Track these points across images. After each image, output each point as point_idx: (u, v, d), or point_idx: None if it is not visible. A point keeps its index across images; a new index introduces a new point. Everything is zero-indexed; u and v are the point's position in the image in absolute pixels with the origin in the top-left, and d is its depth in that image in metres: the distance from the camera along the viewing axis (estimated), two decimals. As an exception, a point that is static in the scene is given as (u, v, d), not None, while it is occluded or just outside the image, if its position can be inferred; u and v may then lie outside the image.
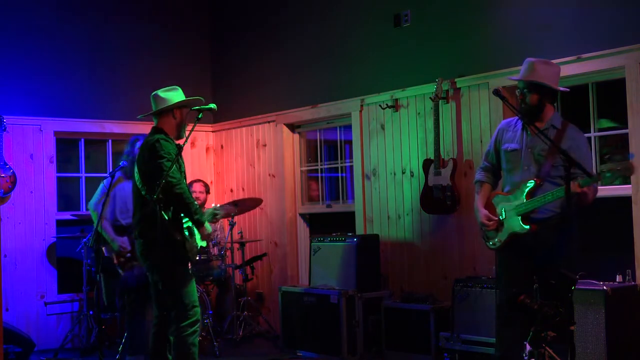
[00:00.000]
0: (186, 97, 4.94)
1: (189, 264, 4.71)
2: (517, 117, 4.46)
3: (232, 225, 6.97)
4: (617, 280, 4.98)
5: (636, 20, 5.04)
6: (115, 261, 5.85)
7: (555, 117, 4.35)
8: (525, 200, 4.24)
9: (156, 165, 4.60)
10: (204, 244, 4.91)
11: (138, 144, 5.60)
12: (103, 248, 5.90)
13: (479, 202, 4.51)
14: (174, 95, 4.89)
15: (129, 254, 5.78)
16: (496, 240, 4.39)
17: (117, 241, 5.82)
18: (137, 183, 4.77)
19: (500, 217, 4.37)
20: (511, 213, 4.30)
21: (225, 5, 8.31)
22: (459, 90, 6.02)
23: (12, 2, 7.19)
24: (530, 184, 4.25)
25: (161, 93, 4.90)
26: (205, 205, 7.13)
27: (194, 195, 6.74)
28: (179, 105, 4.87)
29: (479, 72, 5.87)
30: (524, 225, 4.25)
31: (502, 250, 4.41)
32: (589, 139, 5.41)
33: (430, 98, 6.02)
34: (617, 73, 5.18)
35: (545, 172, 4.22)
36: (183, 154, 4.77)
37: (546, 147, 4.23)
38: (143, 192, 4.70)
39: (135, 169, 4.84)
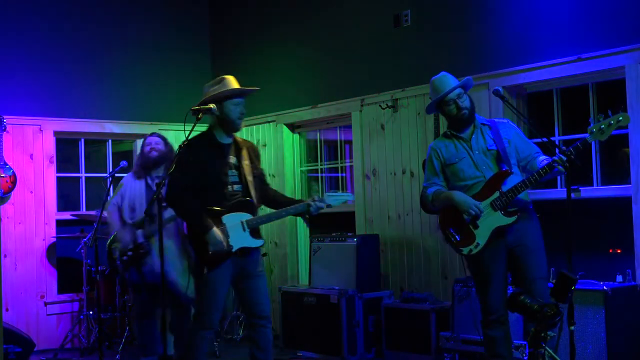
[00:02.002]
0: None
1: (204, 271, 4.48)
2: (439, 138, 4.58)
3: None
4: (617, 280, 4.98)
5: (636, 20, 5.04)
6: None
7: (479, 117, 4.49)
8: (500, 194, 4.23)
9: None
10: (253, 243, 4.48)
11: None
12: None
13: (453, 191, 4.39)
14: (215, 90, 4.61)
15: (130, 252, 5.64)
16: (477, 242, 4.29)
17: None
18: None
19: (469, 221, 4.32)
20: (486, 211, 4.26)
21: (225, 6, 8.32)
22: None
23: (12, 3, 7.19)
24: (504, 175, 4.27)
25: (205, 88, 4.68)
26: None
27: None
28: (213, 100, 4.55)
29: (479, 72, 5.87)
30: (508, 218, 4.24)
31: (478, 253, 4.32)
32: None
33: (430, 98, 6.01)
34: (617, 73, 5.18)
35: (508, 162, 4.28)
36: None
37: (492, 142, 4.34)
38: None
39: None
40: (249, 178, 4.52)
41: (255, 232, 4.51)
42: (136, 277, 5.59)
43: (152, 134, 5.81)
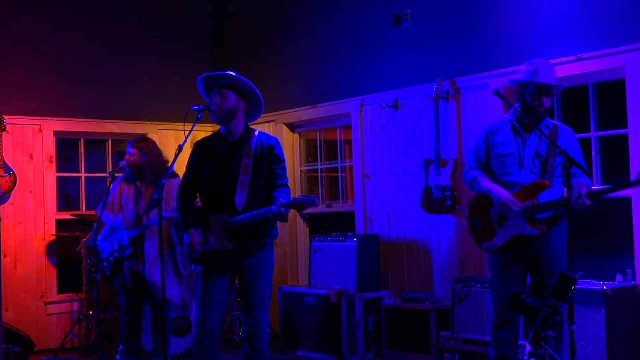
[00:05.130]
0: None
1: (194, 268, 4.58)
2: (501, 120, 4.48)
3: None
4: (617, 280, 4.98)
5: (636, 20, 5.04)
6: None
7: (546, 119, 4.39)
8: (532, 204, 4.18)
9: None
10: (224, 246, 4.34)
11: None
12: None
13: (493, 185, 4.34)
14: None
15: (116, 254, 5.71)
16: (495, 242, 4.31)
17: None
18: None
19: (495, 218, 4.33)
20: (514, 215, 4.23)
21: (225, 6, 8.32)
22: (459, 90, 6.02)
23: (12, 3, 7.19)
24: (542, 187, 4.19)
25: None
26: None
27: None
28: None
29: (479, 72, 5.87)
30: (533, 229, 4.19)
31: (497, 254, 4.35)
32: (589, 139, 5.42)
33: (430, 98, 6.03)
34: (617, 73, 5.18)
35: (551, 174, 4.21)
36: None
37: (545, 148, 4.24)
38: None
39: None
40: (242, 178, 4.35)
41: (231, 235, 4.32)
42: (117, 280, 5.70)
43: (130, 143, 5.78)
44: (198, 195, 4.53)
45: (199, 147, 4.50)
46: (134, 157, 5.65)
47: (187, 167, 4.50)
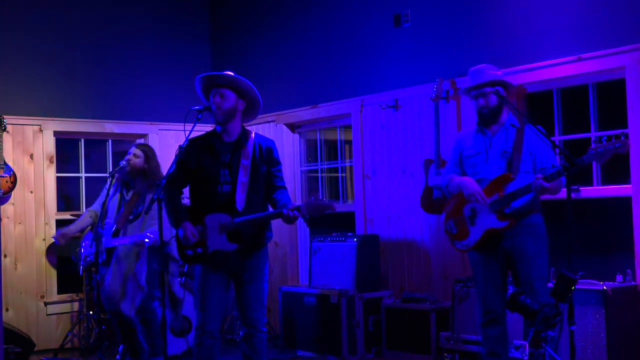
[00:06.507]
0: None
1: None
2: (471, 128, 4.61)
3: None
4: (617, 280, 4.98)
5: (636, 20, 5.04)
6: None
7: (511, 116, 4.48)
8: (499, 196, 4.28)
9: None
10: (226, 246, 4.31)
11: None
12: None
13: (467, 178, 4.44)
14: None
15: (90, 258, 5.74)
16: (469, 240, 4.40)
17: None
18: None
19: (467, 216, 4.41)
20: (483, 211, 4.33)
21: (225, 6, 8.32)
22: (459, 90, 6.02)
23: (12, 2, 7.19)
24: (506, 179, 4.29)
25: None
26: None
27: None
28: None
29: (479, 72, 5.86)
30: (500, 222, 4.28)
31: (475, 251, 4.43)
32: (589, 139, 5.42)
33: (430, 98, 6.03)
34: (617, 73, 5.18)
35: (515, 168, 4.30)
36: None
37: (511, 144, 4.35)
38: None
39: None
40: (242, 179, 4.34)
41: (233, 235, 4.31)
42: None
43: (136, 145, 5.76)
44: (187, 193, 4.50)
45: (194, 143, 4.42)
46: (138, 160, 5.59)
47: (177, 162, 4.28)
